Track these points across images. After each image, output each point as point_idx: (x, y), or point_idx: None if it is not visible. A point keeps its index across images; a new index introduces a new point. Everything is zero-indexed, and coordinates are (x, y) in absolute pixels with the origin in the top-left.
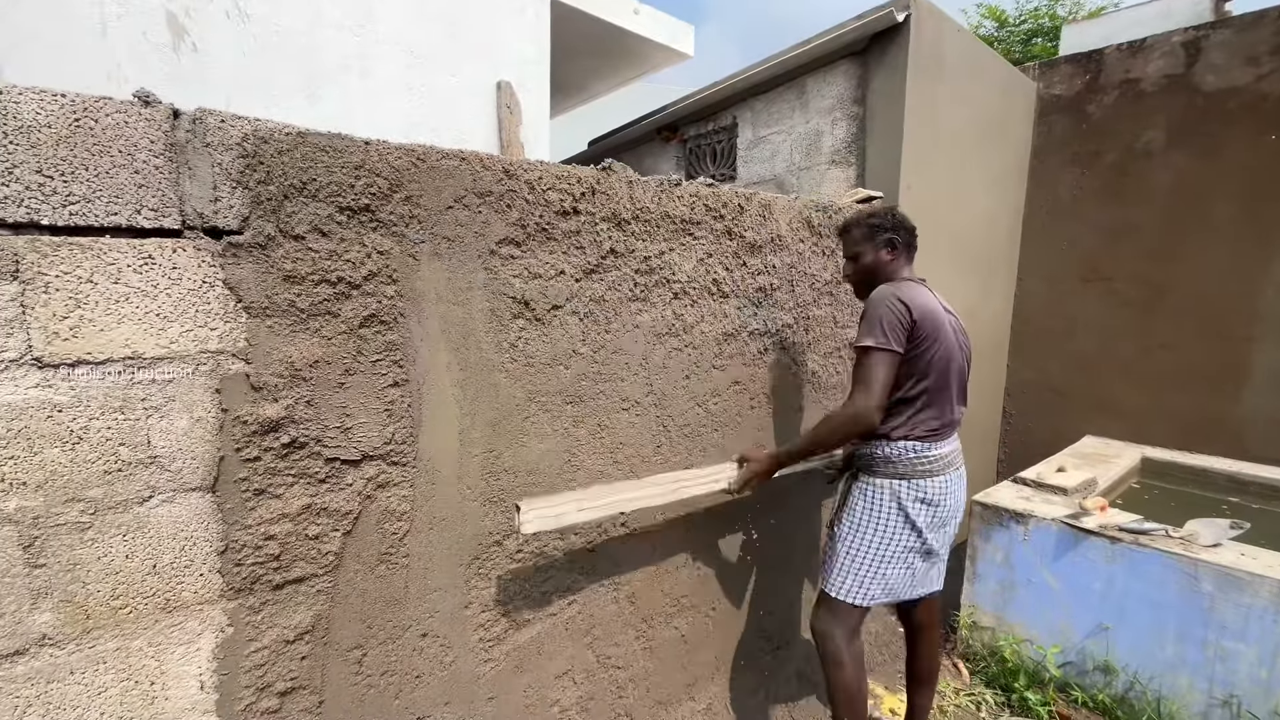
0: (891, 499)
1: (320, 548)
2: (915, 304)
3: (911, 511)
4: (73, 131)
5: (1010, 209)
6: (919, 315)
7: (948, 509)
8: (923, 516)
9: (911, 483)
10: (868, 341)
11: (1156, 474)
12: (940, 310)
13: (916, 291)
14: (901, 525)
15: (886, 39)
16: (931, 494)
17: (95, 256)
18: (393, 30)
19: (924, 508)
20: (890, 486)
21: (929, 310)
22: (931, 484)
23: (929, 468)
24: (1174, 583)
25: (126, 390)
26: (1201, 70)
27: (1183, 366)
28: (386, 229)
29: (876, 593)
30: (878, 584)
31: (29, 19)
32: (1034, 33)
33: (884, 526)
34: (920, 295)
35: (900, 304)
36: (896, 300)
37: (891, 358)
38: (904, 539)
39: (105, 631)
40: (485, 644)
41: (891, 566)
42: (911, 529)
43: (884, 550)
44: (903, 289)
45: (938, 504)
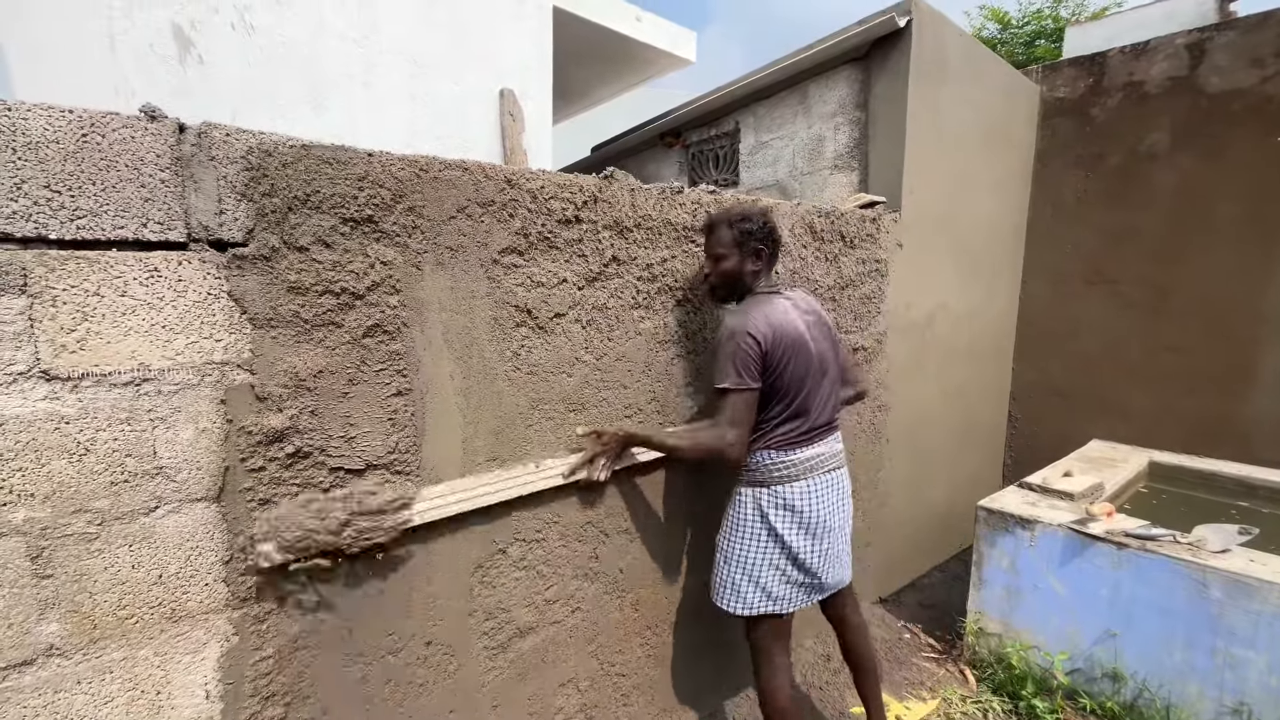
0: (754, 506)
1: (324, 557)
2: (764, 333)
3: (773, 518)
4: (80, 146)
5: (1014, 212)
6: (770, 344)
7: (815, 514)
8: (784, 523)
9: (771, 489)
10: (724, 384)
11: (1164, 478)
12: (793, 323)
13: (769, 312)
14: (765, 533)
15: (888, 44)
16: (792, 499)
17: (102, 270)
18: (396, 40)
19: (786, 514)
20: (753, 495)
21: (780, 331)
22: (792, 489)
23: (786, 473)
24: (1182, 589)
25: (133, 402)
26: (1206, 72)
27: (1189, 369)
28: (390, 239)
29: (757, 600)
30: (755, 592)
31: (40, 34)
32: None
33: (749, 534)
34: (771, 315)
35: (750, 339)
36: (746, 336)
37: (751, 396)
38: (768, 547)
39: (112, 641)
40: (489, 652)
41: (765, 574)
42: (774, 538)
43: (753, 557)
44: (754, 316)
45: (801, 510)
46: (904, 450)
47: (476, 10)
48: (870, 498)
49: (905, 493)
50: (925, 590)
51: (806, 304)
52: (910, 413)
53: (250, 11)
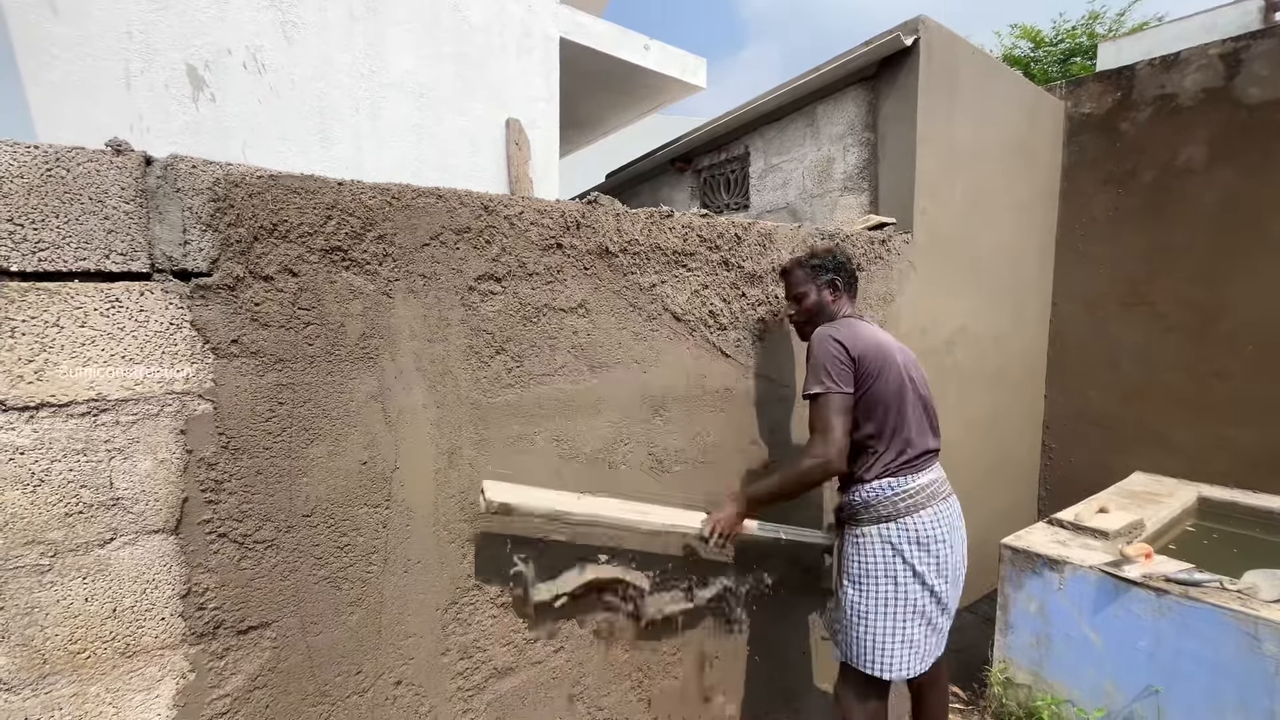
0: (884, 545)
1: (289, 591)
2: (853, 341)
3: (909, 555)
4: (44, 181)
5: (1040, 231)
6: (859, 352)
7: (949, 545)
8: (922, 560)
9: (899, 523)
10: (816, 389)
11: (1215, 516)
12: (884, 342)
13: (855, 328)
14: (904, 573)
15: (896, 63)
16: (925, 531)
17: (62, 301)
18: (402, 73)
19: (920, 551)
20: (879, 532)
21: (870, 344)
22: (921, 520)
23: (912, 502)
24: (1232, 642)
25: (89, 432)
26: (1244, 82)
27: (1241, 397)
28: (359, 268)
29: (904, 658)
30: (902, 647)
31: (60, 74)
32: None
33: (885, 578)
34: (860, 331)
35: (837, 344)
36: (834, 341)
37: (843, 399)
38: (910, 589)
39: (62, 677)
40: (464, 693)
41: (910, 623)
42: (914, 576)
43: (896, 605)
44: (840, 328)
45: (935, 540)
46: None
47: (482, 42)
48: None
49: None
50: (952, 633)
51: (889, 334)
52: None
53: (261, 52)
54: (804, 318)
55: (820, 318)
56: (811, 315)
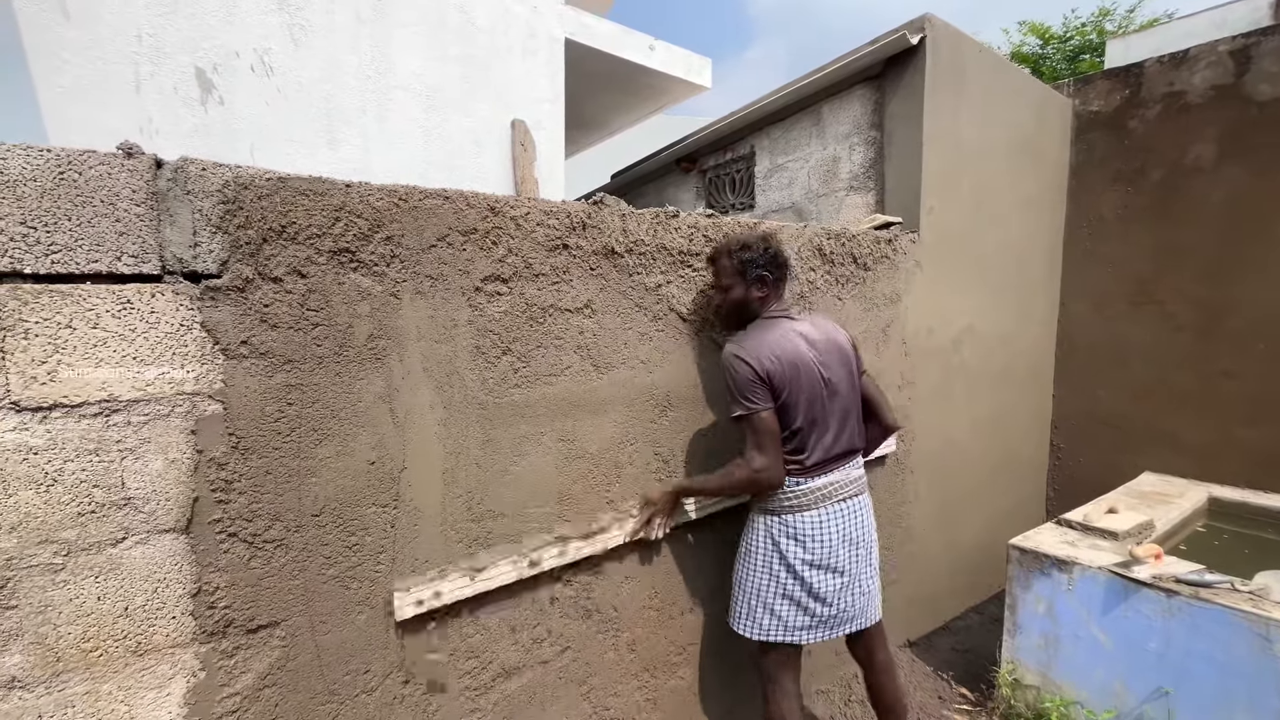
0: (765, 533)
1: (298, 590)
2: (760, 358)
3: (783, 547)
4: (57, 184)
5: (1048, 230)
6: (766, 369)
7: (826, 545)
8: (794, 553)
9: (781, 518)
10: (738, 411)
11: (1226, 516)
12: (794, 346)
13: (765, 338)
14: (777, 561)
15: (901, 62)
16: (802, 528)
17: (75, 303)
18: (409, 75)
19: (794, 545)
20: (764, 522)
21: (779, 356)
22: (802, 519)
23: (797, 502)
24: (1243, 644)
25: (101, 433)
26: (1254, 79)
27: (1251, 396)
28: (367, 269)
29: (771, 626)
30: (769, 618)
31: (70, 78)
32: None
33: (761, 560)
34: (767, 340)
35: (745, 364)
36: (740, 362)
37: (767, 416)
38: (780, 574)
39: (75, 675)
40: (471, 692)
41: (777, 603)
42: (785, 567)
43: (765, 584)
44: (745, 345)
45: (812, 539)
46: (931, 482)
47: (488, 44)
48: (893, 533)
49: (934, 528)
50: (959, 634)
51: (821, 329)
52: (937, 443)
53: (269, 54)
54: (728, 309)
55: (744, 313)
56: (735, 308)
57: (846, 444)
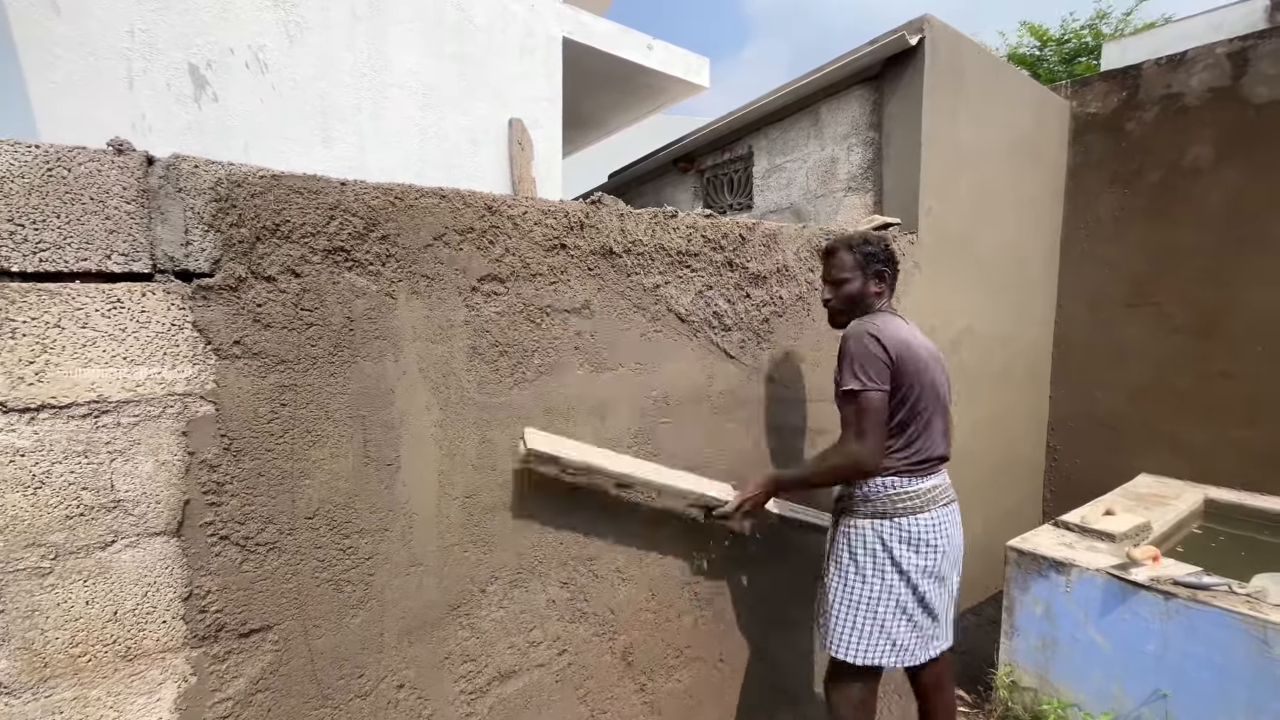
0: (875, 540)
1: (291, 593)
2: (893, 340)
3: (897, 554)
4: (45, 181)
5: (1046, 231)
6: (897, 352)
7: (940, 551)
8: (910, 560)
9: (894, 521)
10: (853, 385)
11: (1222, 518)
12: (921, 344)
13: (894, 326)
14: (890, 570)
15: (900, 63)
16: (918, 533)
17: (63, 302)
18: (405, 73)
19: (910, 551)
20: (873, 527)
21: (908, 345)
22: (917, 522)
23: (911, 503)
24: (1241, 646)
25: (90, 434)
26: (1251, 82)
27: (1247, 397)
28: (362, 268)
29: (883, 649)
30: (881, 639)
31: (62, 74)
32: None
33: (872, 573)
34: (898, 329)
35: (877, 343)
36: (873, 340)
37: (880, 398)
38: (895, 587)
39: (63, 680)
40: (467, 696)
41: (891, 619)
42: (899, 575)
43: (877, 600)
44: (879, 325)
45: (927, 544)
46: None
47: (485, 42)
48: None
49: None
50: (956, 636)
51: (923, 336)
52: None
53: (264, 51)
54: (841, 304)
55: (858, 308)
56: (851, 303)
57: (945, 448)
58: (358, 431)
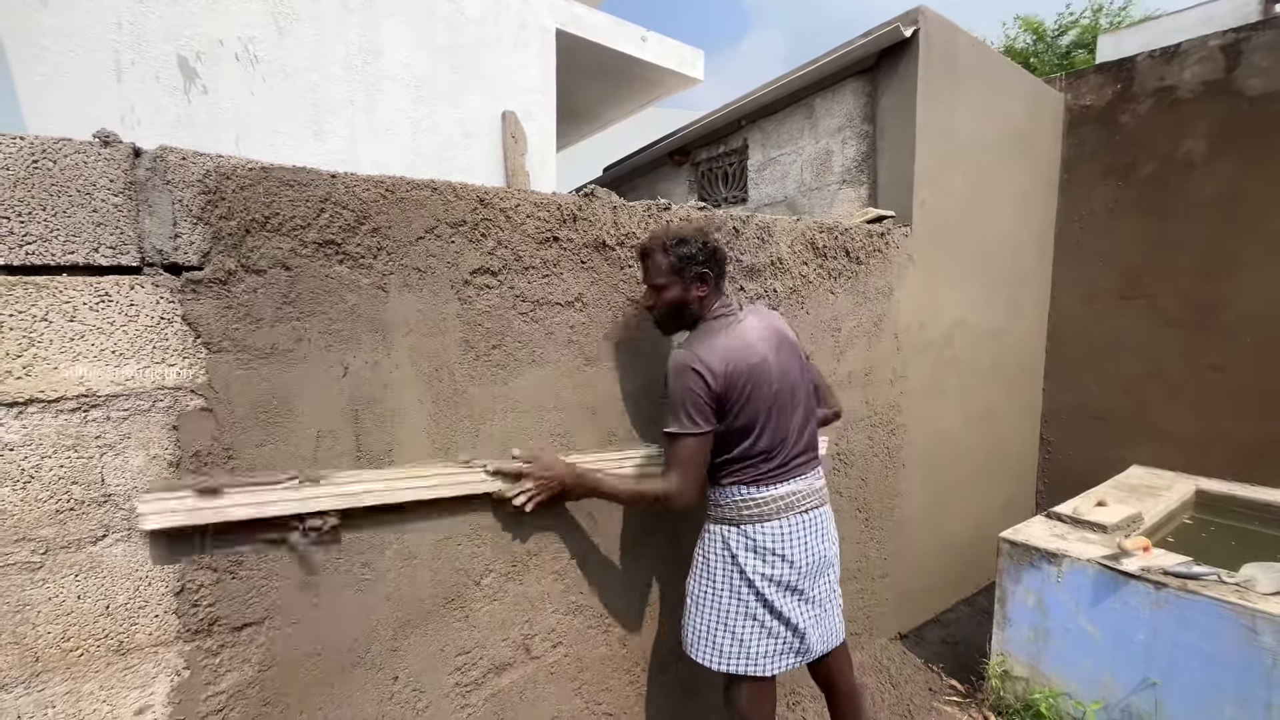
0: (723, 547)
1: (283, 588)
2: (714, 368)
3: (742, 560)
4: (30, 173)
5: (1039, 224)
6: (724, 381)
7: (788, 561)
8: (755, 568)
9: (740, 528)
10: (673, 428)
11: (1213, 509)
12: (751, 349)
13: (722, 343)
14: (737, 578)
15: (895, 55)
16: (763, 541)
17: (51, 295)
18: (397, 65)
19: (755, 559)
20: (721, 533)
21: (736, 363)
22: (762, 530)
23: (756, 511)
24: (1230, 635)
25: (80, 428)
26: (1244, 74)
27: (1239, 389)
28: (353, 261)
29: (735, 655)
30: (733, 645)
31: (49, 66)
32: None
33: (720, 577)
34: (725, 346)
35: (697, 376)
36: (693, 374)
37: (700, 441)
38: (743, 593)
39: (55, 674)
40: (462, 689)
41: (741, 625)
42: (746, 583)
43: (726, 604)
44: (702, 348)
45: (773, 553)
46: (923, 476)
47: (478, 34)
48: (885, 526)
49: (925, 521)
50: (950, 626)
51: (767, 323)
52: (929, 436)
53: (254, 43)
54: (664, 312)
55: (683, 316)
56: (674, 311)
57: (805, 445)
58: (350, 425)
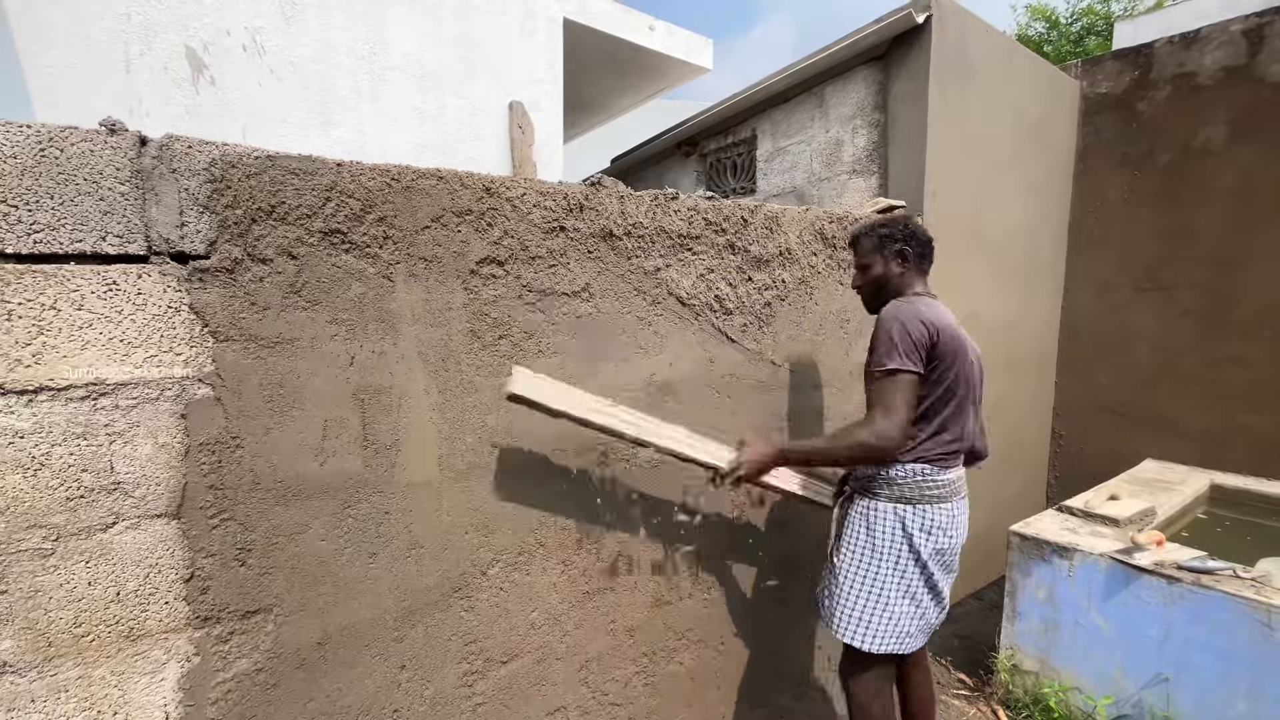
0: (896, 523)
1: (292, 575)
2: (931, 322)
3: (917, 540)
4: (38, 161)
5: (1053, 215)
6: (940, 336)
7: (953, 541)
8: (928, 547)
9: (917, 508)
10: (888, 364)
11: (1227, 503)
12: (958, 332)
13: (934, 309)
14: (907, 555)
15: (906, 42)
16: (939, 521)
17: (59, 283)
18: (404, 55)
19: (928, 538)
20: (895, 511)
21: (949, 329)
22: (939, 511)
23: (937, 493)
24: (1244, 631)
25: (89, 416)
26: (1266, 60)
27: (1256, 383)
28: (359, 250)
29: (886, 635)
30: (888, 625)
31: (58, 57)
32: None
33: (889, 556)
34: (938, 313)
35: (920, 324)
36: (917, 320)
37: (913, 380)
38: (908, 572)
39: (67, 659)
40: (469, 677)
41: (900, 603)
42: (916, 561)
43: (891, 584)
44: (922, 306)
45: (944, 532)
46: None
47: (485, 24)
48: None
49: None
50: (959, 620)
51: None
52: None
53: (261, 34)
54: (869, 289)
55: (886, 291)
56: (877, 287)
57: (974, 442)
58: (356, 414)
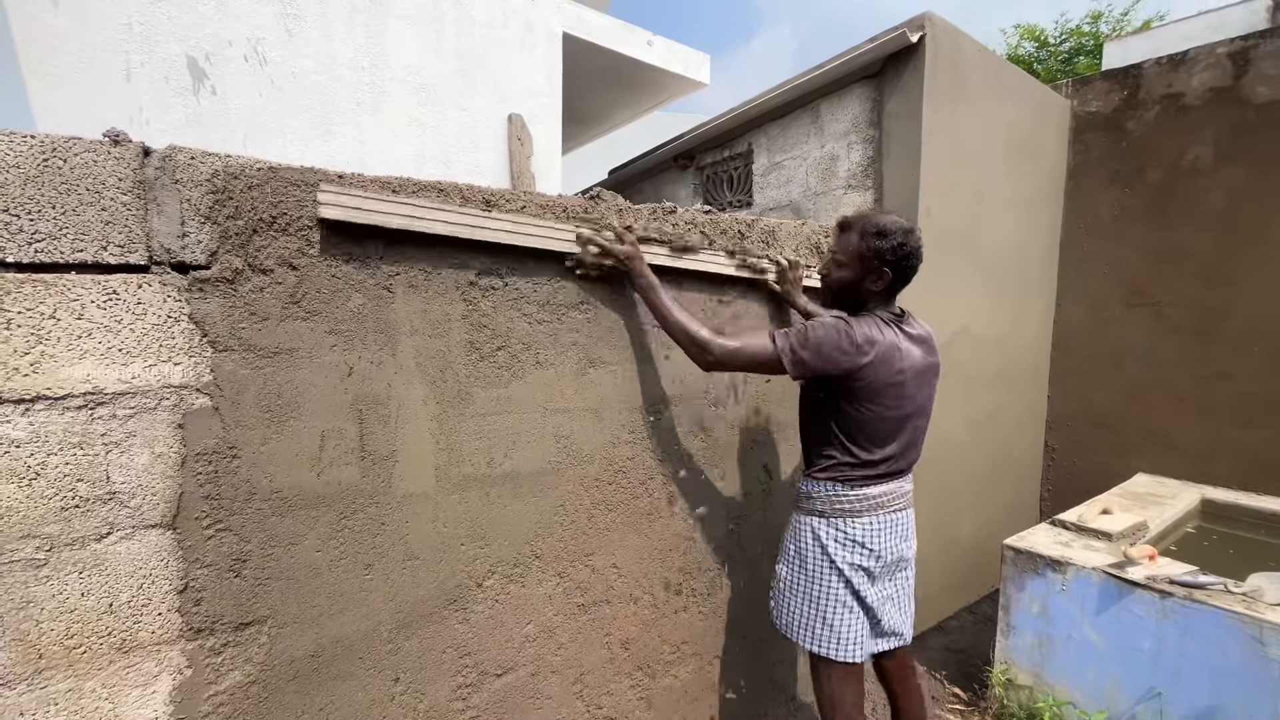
0: (813, 537)
1: (286, 586)
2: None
3: (832, 551)
4: (41, 171)
5: (1044, 231)
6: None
7: (874, 555)
8: (843, 557)
9: (831, 521)
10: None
11: (1218, 518)
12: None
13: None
14: (827, 568)
15: (901, 60)
16: (852, 533)
17: (59, 293)
18: (404, 68)
19: (842, 549)
20: (810, 525)
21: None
22: (853, 524)
23: (852, 508)
24: (1236, 646)
25: (86, 426)
26: (1252, 82)
27: (1246, 398)
28: (359, 262)
29: (824, 635)
30: (826, 631)
31: (59, 66)
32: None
33: (813, 567)
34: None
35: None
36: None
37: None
38: (833, 583)
39: (58, 672)
40: (463, 690)
41: (829, 608)
42: (836, 574)
43: (818, 593)
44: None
45: (860, 545)
46: (925, 481)
47: (485, 37)
48: None
49: (928, 527)
50: (953, 633)
51: (921, 332)
52: (931, 442)
53: (263, 44)
54: (833, 286)
55: (848, 300)
56: (842, 290)
57: (905, 462)
58: (354, 425)
